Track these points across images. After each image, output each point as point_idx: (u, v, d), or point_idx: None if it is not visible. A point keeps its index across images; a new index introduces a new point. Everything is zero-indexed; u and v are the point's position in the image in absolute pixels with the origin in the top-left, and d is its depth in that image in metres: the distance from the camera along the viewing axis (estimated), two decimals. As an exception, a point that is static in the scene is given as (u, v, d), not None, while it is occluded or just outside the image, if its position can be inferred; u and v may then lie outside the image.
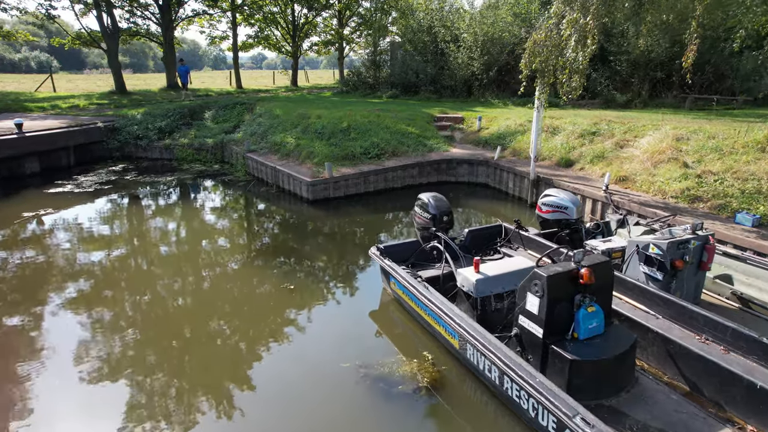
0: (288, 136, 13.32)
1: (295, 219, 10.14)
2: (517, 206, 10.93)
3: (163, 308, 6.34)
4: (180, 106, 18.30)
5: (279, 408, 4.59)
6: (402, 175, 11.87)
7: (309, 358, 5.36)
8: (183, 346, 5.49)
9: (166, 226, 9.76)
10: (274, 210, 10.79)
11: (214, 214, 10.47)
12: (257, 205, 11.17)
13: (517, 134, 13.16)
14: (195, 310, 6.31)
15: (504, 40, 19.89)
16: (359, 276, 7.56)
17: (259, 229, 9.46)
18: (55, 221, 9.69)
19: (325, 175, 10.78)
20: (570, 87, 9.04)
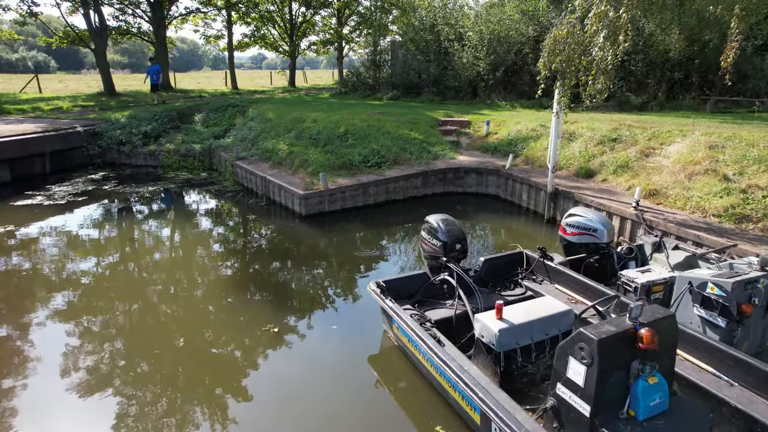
0: (280, 142, 12.27)
1: (285, 239, 9.08)
2: (532, 221, 9.88)
3: (115, 364, 5.29)
4: (168, 109, 17.26)
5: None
6: (405, 185, 10.82)
7: (292, 414, 4.33)
8: (144, 404, 4.44)
9: (135, 248, 8.70)
10: (262, 227, 9.73)
11: (193, 234, 9.41)
12: (243, 222, 10.10)
13: (529, 140, 12.11)
14: (157, 363, 5.26)
15: (511, 39, 18.84)
16: (356, 310, 6.50)
17: (241, 253, 8.40)
18: (12, 240, 8.64)
19: (319, 187, 9.74)
20: (594, 90, 8.00)
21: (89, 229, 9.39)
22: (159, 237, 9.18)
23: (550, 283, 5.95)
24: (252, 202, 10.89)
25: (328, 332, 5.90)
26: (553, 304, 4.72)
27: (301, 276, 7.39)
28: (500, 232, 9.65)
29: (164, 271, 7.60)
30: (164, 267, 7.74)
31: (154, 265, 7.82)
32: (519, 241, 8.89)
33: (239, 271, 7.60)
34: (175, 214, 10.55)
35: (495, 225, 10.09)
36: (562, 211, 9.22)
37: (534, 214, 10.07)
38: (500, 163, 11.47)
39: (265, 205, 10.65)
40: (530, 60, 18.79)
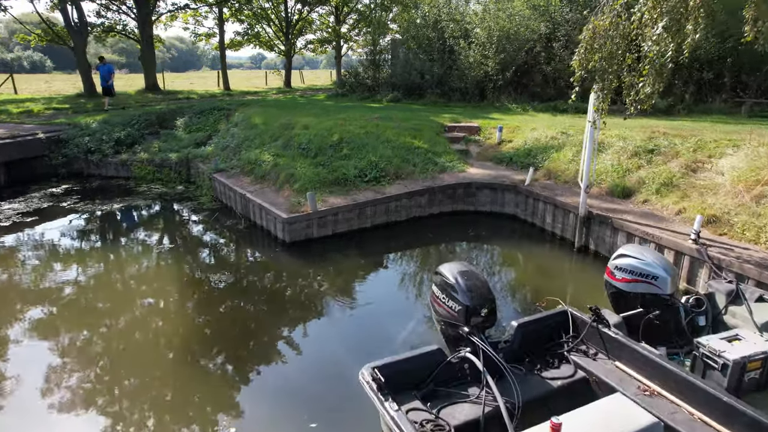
0: (265, 152, 10.73)
1: (259, 278, 7.50)
2: (559, 249, 8.34)
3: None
4: (147, 112, 15.72)
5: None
6: (407, 204, 9.28)
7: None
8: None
9: (75, 286, 7.15)
10: (236, 259, 8.16)
11: (151, 266, 7.85)
12: (213, 251, 8.52)
13: (549, 150, 10.56)
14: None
15: (522, 36, 17.28)
16: (345, 398, 4.89)
17: (202, 298, 6.82)
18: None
19: (306, 209, 8.20)
20: (644, 94, 6.47)
21: (28, 260, 7.85)
22: (102, 274, 7.60)
23: (607, 357, 4.40)
24: (230, 223, 9.34)
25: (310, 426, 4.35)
26: (629, 412, 3.19)
27: (270, 341, 5.80)
28: (521, 264, 8.11)
29: (93, 318, 6.06)
30: (94, 313, 6.19)
31: (88, 311, 6.27)
32: (547, 278, 7.36)
33: (192, 336, 6.04)
34: (134, 241, 8.97)
35: (515, 254, 8.55)
36: (597, 240, 7.69)
37: (561, 241, 8.53)
38: (517, 178, 9.93)
39: (245, 227, 9.11)
40: (542, 59, 17.26)
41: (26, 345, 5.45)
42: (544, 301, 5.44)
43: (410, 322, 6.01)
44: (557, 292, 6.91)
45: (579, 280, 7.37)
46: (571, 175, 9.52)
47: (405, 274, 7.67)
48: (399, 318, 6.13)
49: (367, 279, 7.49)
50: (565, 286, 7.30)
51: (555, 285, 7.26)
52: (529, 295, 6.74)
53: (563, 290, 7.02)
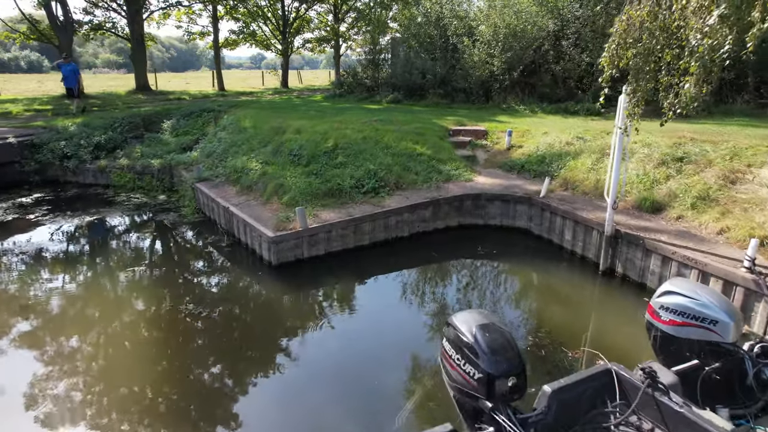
0: (252, 159, 9.79)
1: (240, 307, 6.55)
2: (581, 271, 7.39)
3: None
4: (132, 114, 14.78)
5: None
6: (410, 219, 8.33)
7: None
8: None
9: (22, 317, 6.21)
10: (214, 284, 7.17)
11: (115, 293, 6.91)
12: (191, 274, 7.56)
13: (565, 157, 9.61)
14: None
15: (529, 34, 16.31)
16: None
17: (170, 333, 5.91)
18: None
19: (296, 226, 7.25)
20: (687, 96, 5.51)
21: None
22: (58, 303, 6.67)
23: (665, 429, 3.45)
24: (211, 240, 8.40)
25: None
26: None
27: (239, 392, 4.88)
28: (540, 290, 7.15)
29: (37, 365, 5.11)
30: (39, 358, 5.25)
31: (38, 348, 5.33)
32: (572, 310, 6.41)
33: (151, 374, 5.10)
34: (101, 261, 7.97)
35: (531, 277, 7.60)
36: (626, 262, 6.74)
37: (582, 261, 7.58)
38: (531, 188, 8.98)
39: (228, 245, 8.17)
40: (551, 58, 16.31)
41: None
42: (579, 352, 4.49)
43: (415, 382, 5.02)
44: (585, 328, 5.97)
45: (610, 313, 6.42)
46: (590, 185, 8.58)
47: (408, 306, 6.71)
48: (401, 373, 5.12)
49: (363, 312, 6.54)
50: (595, 321, 6.35)
51: (582, 319, 6.32)
52: (553, 333, 5.79)
53: (594, 328, 6.07)
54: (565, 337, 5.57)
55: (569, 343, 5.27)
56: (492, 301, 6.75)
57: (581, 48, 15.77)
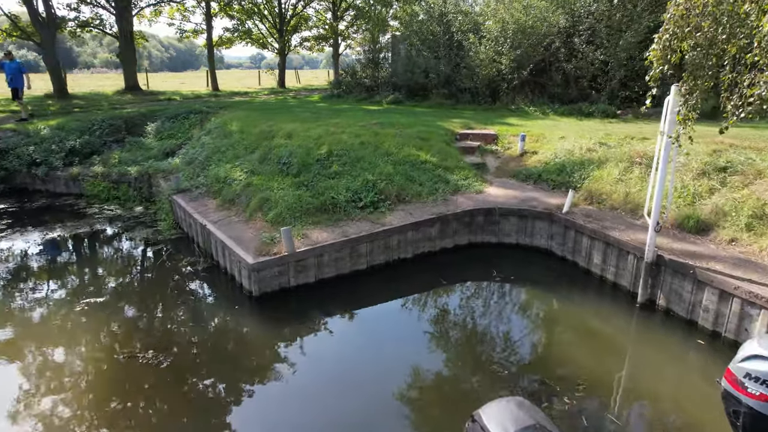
0: (237, 168, 8.73)
1: (212, 348, 5.49)
2: (612, 301, 6.33)
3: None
4: (113, 116, 13.72)
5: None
6: (414, 238, 7.27)
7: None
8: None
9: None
10: (182, 323, 6.01)
11: (65, 327, 5.85)
12: (157, 305, 6.43)
13: (588, 166, 8.54)
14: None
15: (539, 31, 15.23)
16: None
17: (127, 379, 4.85)
18: None
19: (281, 249, 6.19)
20: (765, 97, 4.45)
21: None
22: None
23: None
24: (186, 262, 7.33)
25: None
26: None
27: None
28: (569, 327, 6.07)
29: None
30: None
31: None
32: (612, 356, 5.34)
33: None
34: (57, 288, 6.88)
35: (556, 309, 6.52)
36: (670, 294, 5.68)
37: (614, 289, 6.51)
38: (551, 201, 7.92)
39: (205, 269, 7.11)
40: (562, 56, 15.24)
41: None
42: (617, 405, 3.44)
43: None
44: (621, 373, 4.91)
45: (652, 356, 5.35)
46: (619, 199, 7.52)
47: (413, 348, 5.65)
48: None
49: (359, 356, 5.48)
50: (634, 364, 5.29)
51: (617, 362, 5.26)
52: (582, 378, 4.72)
53: (634, 374, 5.00)
54: (597, 385, 4.54)
55: (602, 391, 4.24)
56: (509, 337, 5.70)
57: (595, 45, 14.70)
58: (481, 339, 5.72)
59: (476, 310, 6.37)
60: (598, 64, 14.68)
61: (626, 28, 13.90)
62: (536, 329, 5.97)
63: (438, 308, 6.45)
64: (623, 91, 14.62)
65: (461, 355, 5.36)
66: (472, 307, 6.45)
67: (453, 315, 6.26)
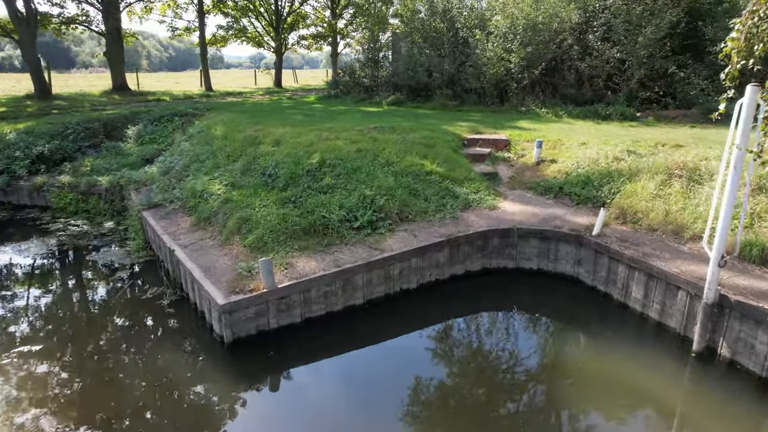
0: (216, 180, 7.65)
1: (167, 418, 4.42)
2: (659, 345, 5.25)
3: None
4: (89, 119, 12.65)
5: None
6: (419, 265, 6.20)
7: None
8: None
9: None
10: (133, 381, 4.94)
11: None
12: (108, 360, 5.31)
13: (617, 178, 7.46)
14: None
15: (550, 27, 14.14)
16: None
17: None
18: None
19: (258, 286, 5.11)
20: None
21: None
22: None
23: None
24: (152, 294, 6.24)
25: None
26: None
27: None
28: (606, 380, 4.99)
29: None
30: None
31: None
32: (651, 407, 4.25)
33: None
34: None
35: (583, 350, 5.43)
36: (736, 344, 4.60)
37: (659, 330, 5.43)
38: (576, 220, 6.85)
39: (171, 303, 6.02)
40: (575, 54, 14.15)
41: None
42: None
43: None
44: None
45: (714, 421, 4.27)
46: (657, 218, 6.44)
47: (419, 402, 4.58)
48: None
49: (354, 418, 4.41)
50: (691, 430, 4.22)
51: (666, 426, 4.19)
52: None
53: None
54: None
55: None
56: (532, 389, 4.64)
57: (612, 42, 13.62)
58: (499, 389, 4.66)
59: (492, 352, 5.31)
60: (614, 63, 13.60)
61: (646, 23, 12.80)
62: (563, 377, 4.88)
63: (447, 349, 5.38)
64: (643, 91, 13.53)
65: (474, 408, 4.29)
66: (487, 348, 5.39)
67: (465, 358, 5.20)
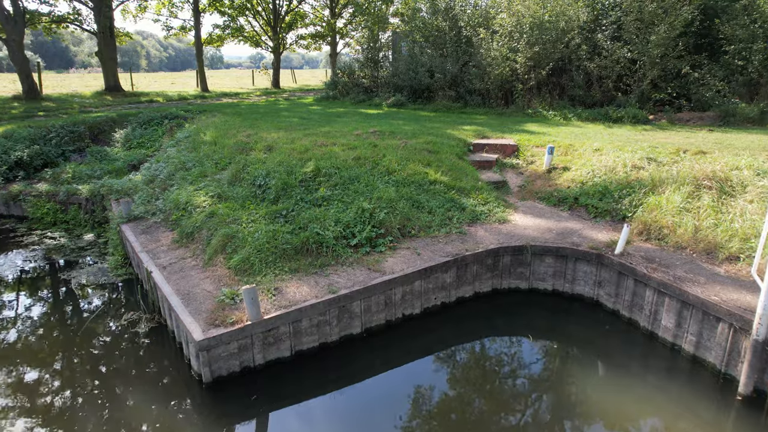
0: (201, 191, 7.03)
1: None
2: (692, 381, 4.64)
3: None
4: (74, 122, 12.03)
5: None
6: (423, 288, 5.59)
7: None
8: None
9: None
10: (104, 421, 4.43)
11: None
12: (67, 405, 4.81)
13: (638, 189, 6.84)
14: None
15: (558, 26, 13.51)
16: None
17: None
18: None
19: (242, 317, 4.50)
20: None
21: None
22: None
23: None
24: (127, 320, 5.63)
25: None
26: None
27: None
28: (624, 416, 4.38)
29: None
30: None
31: None
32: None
33: None
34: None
35: (605, 383, 4.82)
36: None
37: (694, 364, 4.82)
38: (595, 236, 6.24)
39: (147, 332, 5.41)
40: (583, 54, 13.54)
41: None
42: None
43: None
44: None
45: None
46: (686, 235, 5.83)
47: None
48: None
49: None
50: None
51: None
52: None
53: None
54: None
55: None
56: (549, 429, 4.04)
57: (623, 41, 13.01)
58: (511, 429, 4.05)
59: (504, 385, 4.72)
60: (624, 63, 12.99)
61: (659, 21, 12.19)
62: (585, 415, 4.27)
63: (454, 382, 4.77)
64: (655, 93, 12.92)
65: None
66: (498, 382, 4.78)
67: (473, 391, 4.59)
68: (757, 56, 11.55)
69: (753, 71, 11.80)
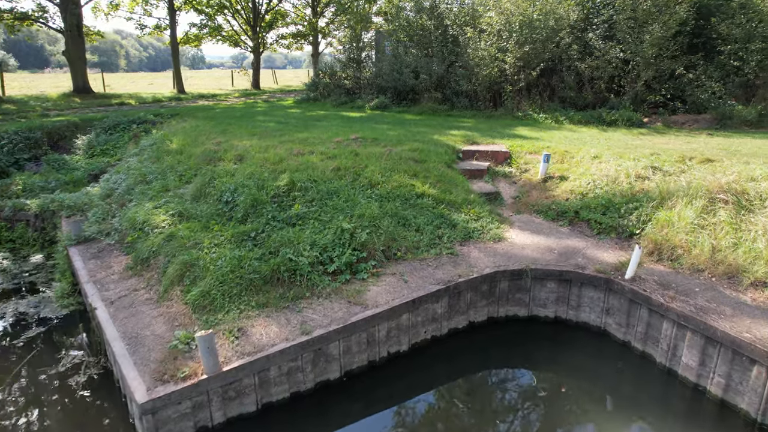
0: (162, 208, 6.25)
1: None
2: (717, 427, 4.05)
3: None
4: (30, 127, 11.10)
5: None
6: (412, 321, 4.90)
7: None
8: None
9: None
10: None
11: None
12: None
13: (646, 202, 6.24)
14: None
15: (548, 24, 12.94)
16: None
17: None
18: None
19: (198, 370, 3.76)
20: None
21: None
22: None
23: None
24: (67, 364, 4.84)
25: None
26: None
27: None
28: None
29: None
30: None
31: None
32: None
33: None
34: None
35: (619, 429, 4.20)
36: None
37: (722, 409, 4.22)
38: (602, 256, 5.63)
39: (89, 380, 4.63)
40: (574, 54, 13.00)
41: None
42: None
43: None
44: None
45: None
46: (702, 256, 5.24)
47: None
48: None
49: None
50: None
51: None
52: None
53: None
54: None
55: None
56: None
57: (617, 40, 12.49)
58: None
59: (502, 428, 4.05)
60: (617, 63, 12.48)
61: (654, 20, 11.68)
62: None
63: (447, 426, 4.10)
64: (650, 95, 12.43)
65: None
66: (497, 422, 4.12)
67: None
68: (753, 56, 11.11)
69: (749, 72, 11.36)
